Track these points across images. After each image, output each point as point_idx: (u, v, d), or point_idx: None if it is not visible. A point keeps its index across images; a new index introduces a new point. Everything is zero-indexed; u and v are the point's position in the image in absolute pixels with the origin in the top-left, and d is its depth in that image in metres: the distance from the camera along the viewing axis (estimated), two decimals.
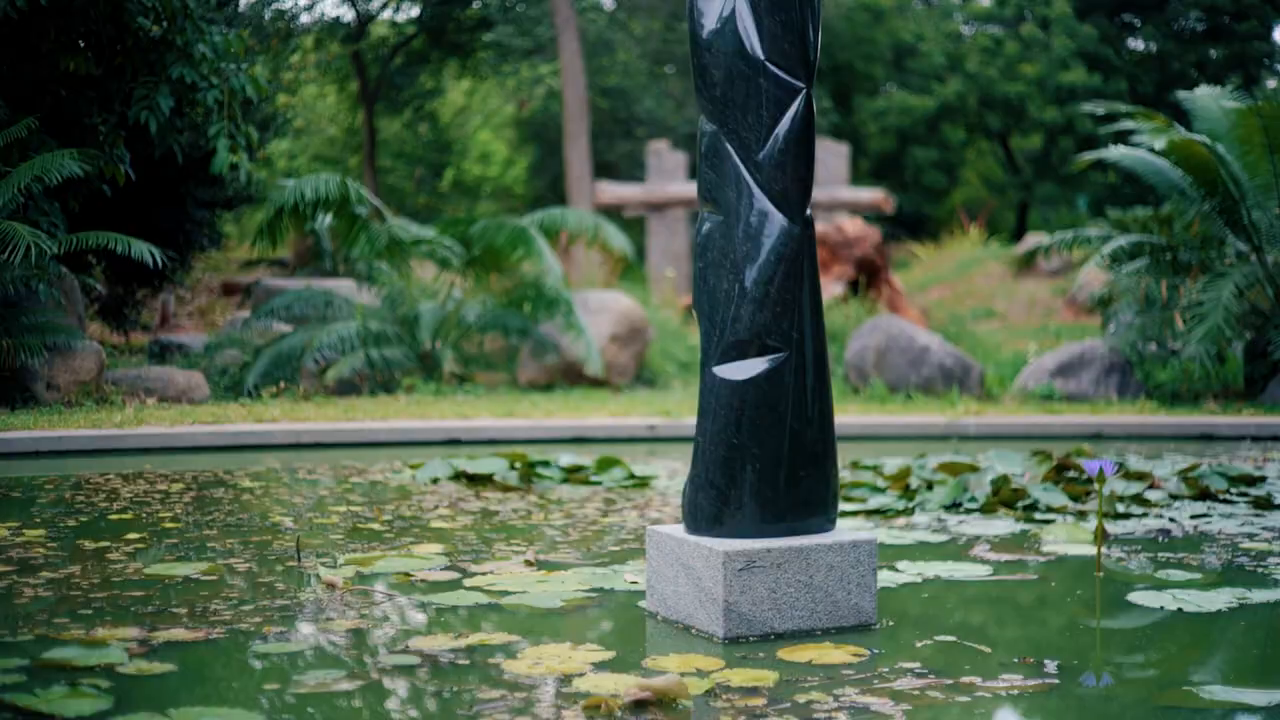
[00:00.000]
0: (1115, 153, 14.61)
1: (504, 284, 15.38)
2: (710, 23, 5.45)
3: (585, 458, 9.19)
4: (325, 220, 20.32)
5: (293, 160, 31.63)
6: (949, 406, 12.90)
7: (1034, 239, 27.90)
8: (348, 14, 31.92)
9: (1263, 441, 11.32)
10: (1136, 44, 35.84)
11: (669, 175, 27.90)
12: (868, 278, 18.25)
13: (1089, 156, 15.02)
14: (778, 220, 5.42)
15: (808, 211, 5.50)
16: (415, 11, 32.94)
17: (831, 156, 28.64)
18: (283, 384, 14.09)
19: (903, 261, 33.05)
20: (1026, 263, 27.28)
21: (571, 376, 15.04)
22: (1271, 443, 11.28)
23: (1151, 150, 14.47)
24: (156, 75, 14.16)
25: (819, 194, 27.33)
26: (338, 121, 36.90)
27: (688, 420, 11.22)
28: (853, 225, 18.01)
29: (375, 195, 32.86)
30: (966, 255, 29.72)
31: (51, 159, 12.46)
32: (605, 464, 8.90)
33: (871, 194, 29.35)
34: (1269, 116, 13.37)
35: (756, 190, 5.41)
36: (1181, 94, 15.48)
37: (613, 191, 27.85)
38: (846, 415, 11.95)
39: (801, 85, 5.36)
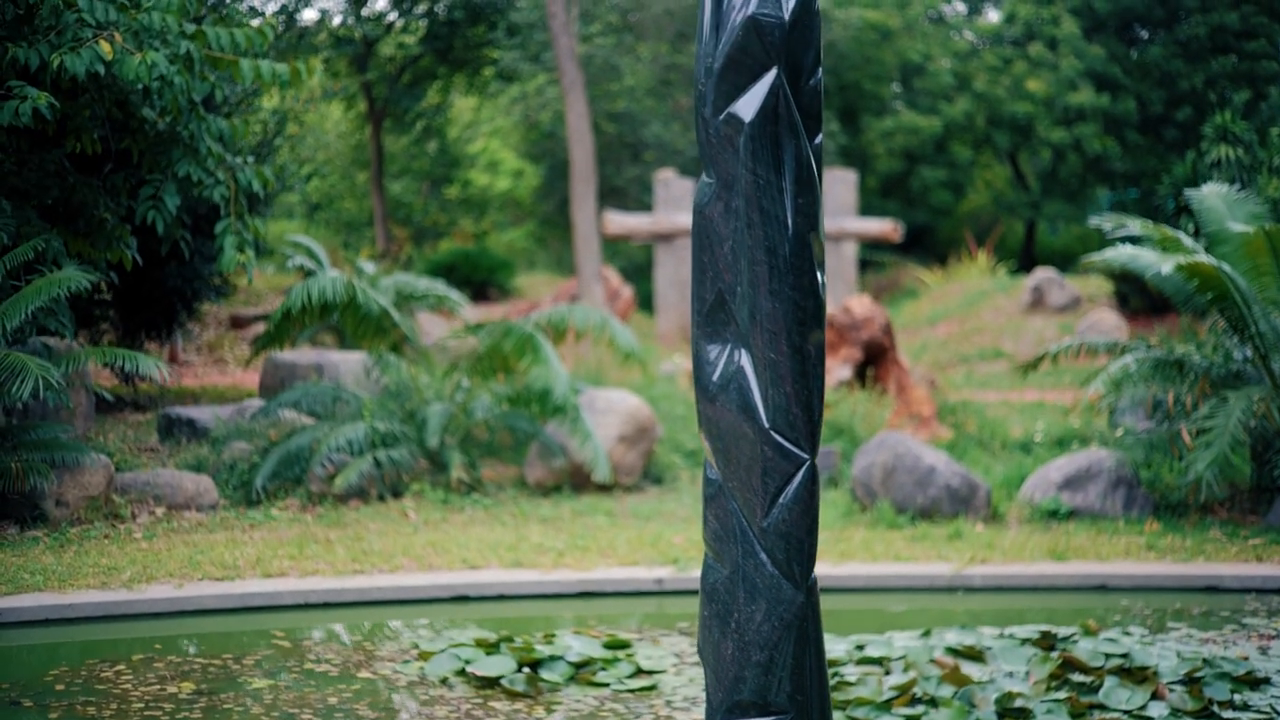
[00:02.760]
0: (1123, 254, 14.61)
1: (512, 385, 15.41)
2: (715, 373, 5.47)
3: (593, 643, 9.24)
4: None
5: (305, 177, 31.57)
6: (956, 537, 12.94)
7: (1042, 273, 27.92)
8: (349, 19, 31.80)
9: (1267, 595, 11.37)
10: (1144, 63, 35.71)
11: (676, 204, 27.88)
12: (875, 359, 18.25)
13: (1095, 258, 15.01)
14: (784, 588, 5.46)
15: (812, 576, 5.54)
16: (423, 17, 32.85)
17: (839, 185, 28.61)
18: (290, 486, 14.17)
19: (910, 290, 33.06)
20: (1036, 301, 27.30)
21: (579, 479, 15.09)
22: (1275, 596, 11.34)
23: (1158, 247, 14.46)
24: (163, 172, 14.18)
25: (826, 225, 27.31)
26: (345, 139, 36.86)
27: (694, 573, 11.27)
28: (860, 306, 18.01)
29: (383, 211, 32.90)
30: (974, 287, 29.73)
31: (61, 278, 12.51)
32: (613, 651, 8.96)
33: (880, 225, 29.32)
34: (1277, 238, 13.41)
35: (761, 554, 5.45)
36: (1189, 192, 15.48)
37: (620, 222, 27.84)
38: (854, 564, 12.00)
39: (805, 457, 5.39)
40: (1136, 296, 25.64)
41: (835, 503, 14.36)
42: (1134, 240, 14.91)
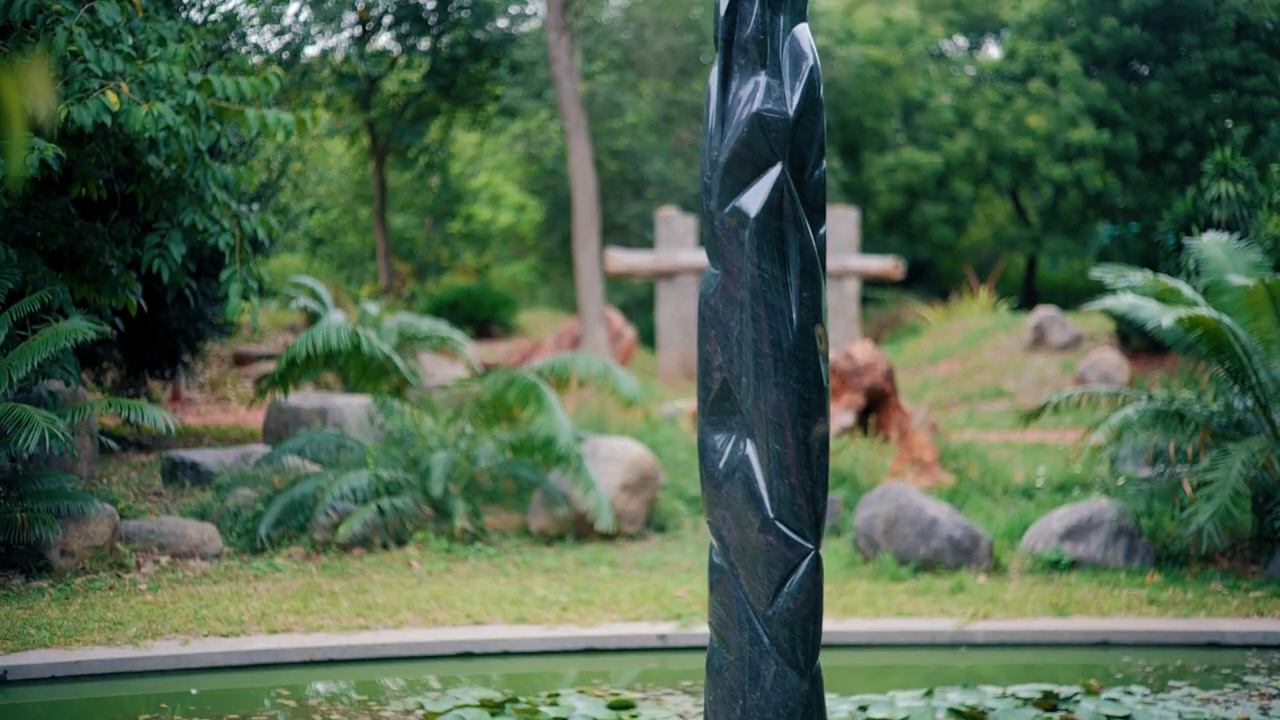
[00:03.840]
0: (1124, 303, 14.65)
1: (515, 432, 15.45)
2: (721, 461, 5.51)
3: (598, 704, 9.27)
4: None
5: (308, 211, 31.66)
6: (958, 590, 12.97)
7: (1043, 311, 27.98)
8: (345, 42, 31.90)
9: (1268, 652, 11.39)
10: (1145, 99, 35.82)
11: (678, 242, 27.99)
12: (877, 404, 18.30)
13: (1096, 306, 15.06)
14: (789, 676, 5.50)
15: (816, 664, 5.58)
16: (426, 54, 32.93)
17: (842, 222, 28.72)
18: (294, 534, 14.22)
19: (912, 327, 33.12)
20: (1037, 340, 27.34)
21: (582, 528, 15.14)
22: (1277, 652, 11.37)
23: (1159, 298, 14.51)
24: (169, 220, 14.25)
25: (828, 263, 27.42)
26: (348, 174, 36.96)
27: (698, 629, 11.30)
28: (862, 352, 18.07)
29: (385, 247, 32.97)
30: (976, 325, 29.77)
31: (67, 329, 12.57)
32: (618, 712, 9.00)
33: (881, 262, 29.43)
34: (1277, 290, 13.47)
35: (766, 641, 5.49)
36: (1189, 241, 15.55)
37: (622, 260, 27.94)
38: (856, 619, 12.03)
39: (810, 547, 5.44)
40: (1138, 336, 25.67)
41: (838, 553, 14.39)
42: (1135, 289, 14.94)
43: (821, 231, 5.34)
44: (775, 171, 5.21)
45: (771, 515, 5.44)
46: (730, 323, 5.30)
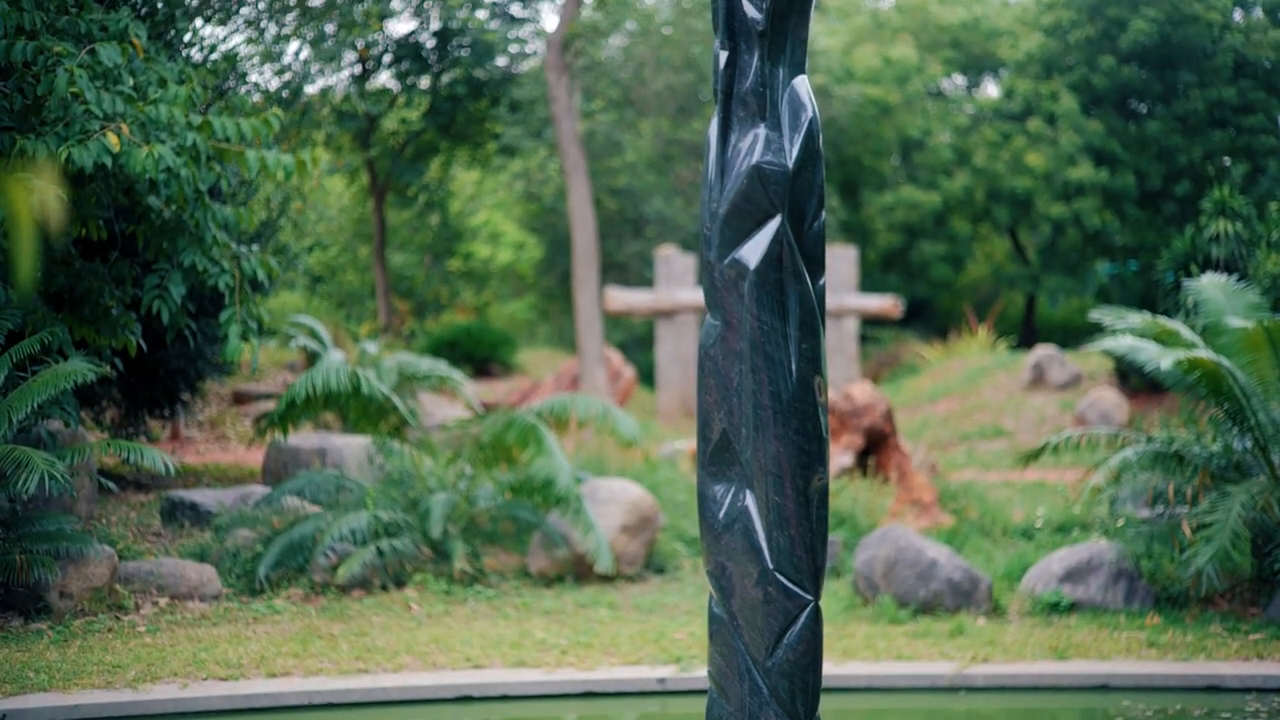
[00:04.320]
0: (1123, 344, 14.67)
1: (515, 473, 15.45)
2: (721, 512, 5.52)
3: None
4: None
5: (307, 249, 31.69)
6: (958, 633, 12.96)
7: (1042, 350, 27.98)
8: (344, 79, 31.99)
9: (1268, 695, 11.38)
10: (1143, 138, 35.93)
11: (678, 280, 28.01)
12: (876, 445, 18.30)
13: (1095, 348, 15.09)
14: None
15: (816, 715, 5.58)
16: (426, 93, 33.02)
17: (840, 261, 28.78)
18: (293, 575, 14.20)
19: (911, 366, 33.14)
20: (1036, 379, 27.35)
21: (581, 569, 15.12)
22: (1276, 696, 11.35)
23: (1157, 340, 14.52)
24: (169, 261, 14.27)
25: (827, 302, 27.45)
26: (347, 213, 37.00)
27: (698, 672, 11.29)
28: (861, 392, 18.08)
29: (385, 285, 32.98)
30: (975, 363, 29.79)
31: (67, 371, 12.60)
32: None
33: (880, 301, 29.47)
34: (1275, 332, 13.49)
35: (765, 691, 5.49)
36: (1187, 282, 15.57)
37: (621, 299, 27.96)
38: (855, 663, 12.02)
39: (809, 598, 5.44)
40: (1137, 375, 25.62)
41: (837, 595, 14.38)
42: (1134, 331, 14.95)
43: (821, 283, 5.36)
44: (774, 224, 5.23)
45: (771, 566, 5.44)
46: (730, 374, 5.32)
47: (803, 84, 5.34)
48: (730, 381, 5.30)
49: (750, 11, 5.23)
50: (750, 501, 5.40)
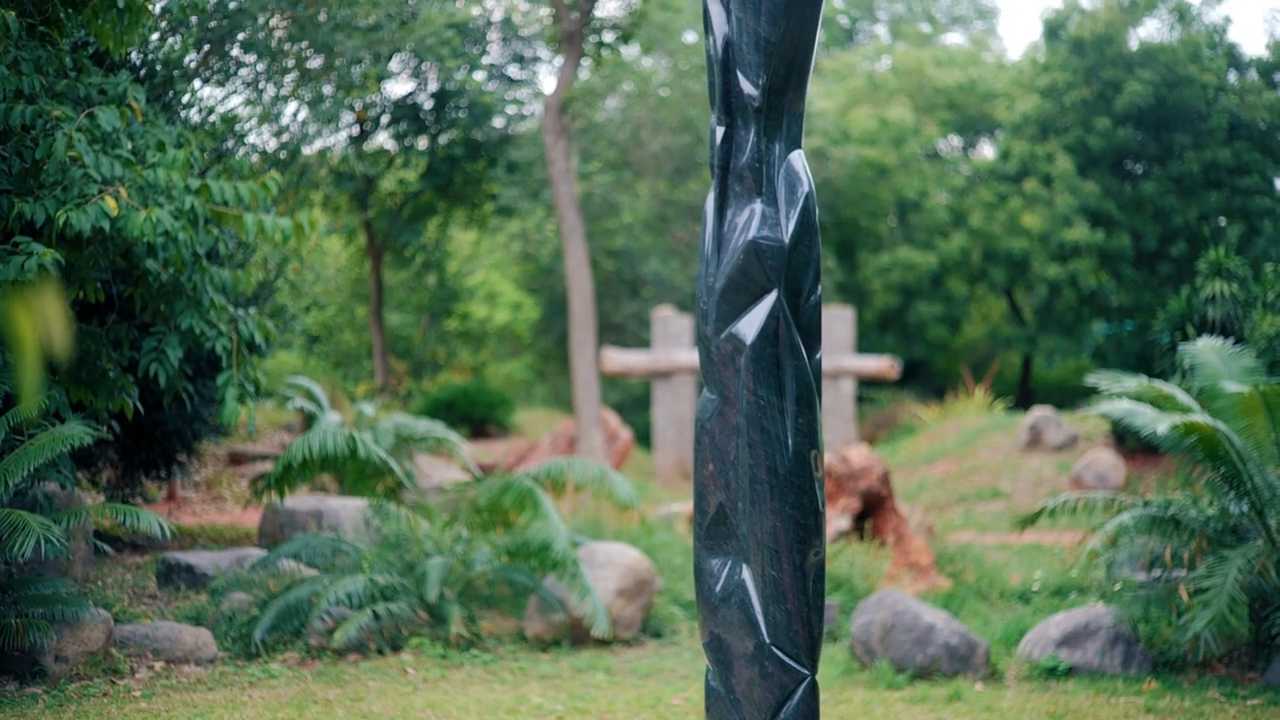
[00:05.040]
0: (1119, 408, 14.69)
1: (511, 537, 15.43)
2: (717, 585, 5.52)
3: None
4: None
5: (304, 308, 31.72)
6: (955, 698, 12.92)
7: (1039, 412, 28.02)
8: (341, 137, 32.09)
9: None
10: (1139, 199, 36.07)
11: (674, 341, 28.07)
12: (873, 508, 18.30)
13: (1092, 412, 15.11)
14: None
15: None
16: (423, 154, 33.13)
17: (837, 322, 28.85)
18: (289, 639, 14.15)
19: (908, 427, 33.16)
20: (1033, 440, 27.38)
21: (578, 633, 15.08)
22: None
23: (1154, 404, 14.54)
24: (166, 324, 14.27)
25: (824, 363, 27.45)
26: (345, 273, 37.09)
27: None
28: (858, 455, 18.09)
29: (382, 345, 33.03)
30: (971, 425, 29.83)
31: (65, 434, 12.58)
32: None
33: (877, 362, 29.52)
34: (1271, 396, 13.51)
35: None
36: (1183, 346, 15.61)
37: (618, 360, 28.00)
38: None
39: (806, 673, 5.43)
40: (1133, 436, 25.67)
41: (834, 659, 14.34)
42: (1130, 394, 14.96)
43: (817, 357, 5.37)
44: (771, 298, 5.25)
45: (768, 641, 5.43)
46: (726, 448, 5.32)
47: (798, 159, 5.37)
48: (727, 455, 5.31)
49: (747, 88, 5.27)
50: (747, 575, 5.40)
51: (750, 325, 5.26)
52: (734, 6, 5.24)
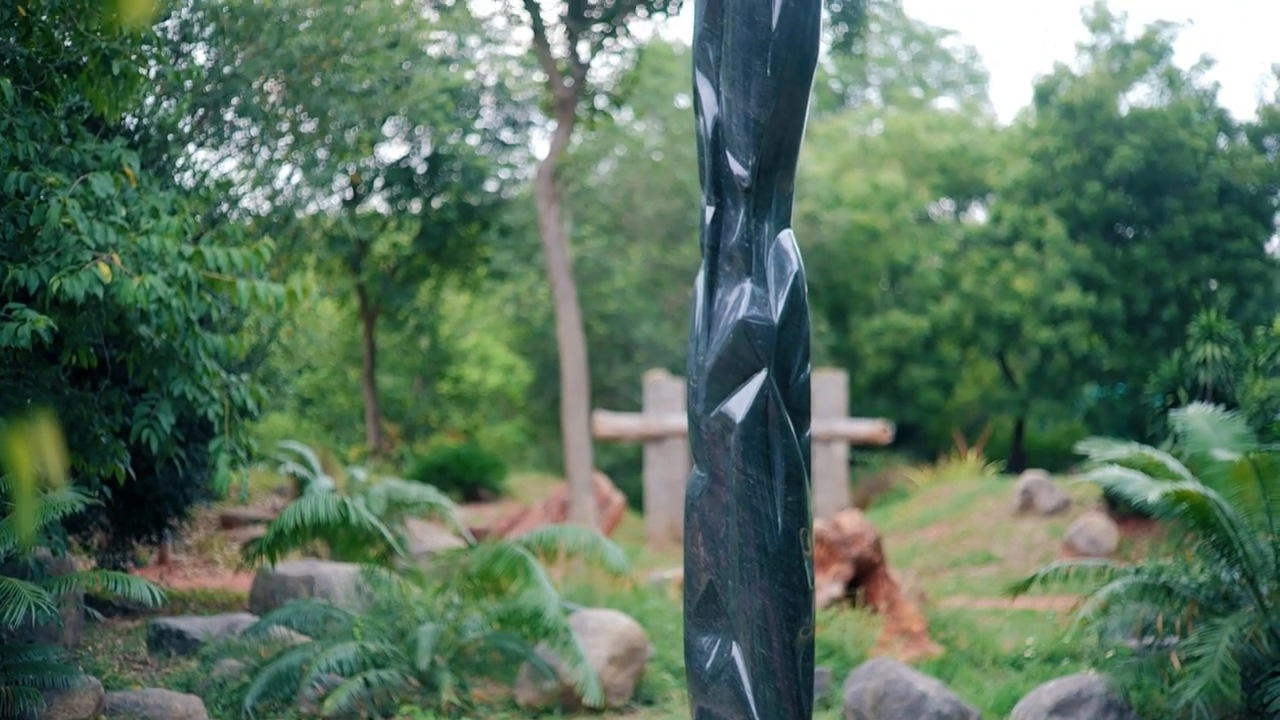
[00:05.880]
0: (1110, 475, 14.71)
1: (503, 604, 15.41)
2: (707, 663, 5.51)
3: None
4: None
5: (297, 371, 31.73)
6: None
7: (1031, 476, 28.02)
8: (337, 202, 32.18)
9: None
10: (1130, 263, 36.19)
11: (666, 406, 28.09)
12: (865, 574, 18.29)
13: (1083, 479, 15.14)
14: None
15: None
16: (416, 217, 33.22)
17: (829, 386, 28.88)
18: (280, 706, 14.10)
19: (900, 490, 33.15)
20: (1025, 505, 27.37)
21: (570, 701, 15.04)
22: None
23: (1145, 471, 14.57)
24: (159, 389, 14.27)
25: (817, 426, 27.49)
26: (337, 335, 37.13)
27: None
28: (850, 522, 18.10)
29: (374, 408, 33.02)
30: (964, 489, 29.81)
31: (57, 502, 12.56)
32: None
33: (869, 426, 29.55)
34: (1262, 464, 13.54)
35: None
36: (1174, 413, 15.65)
37: (611, 424, 28.02)
38: None
39: None
40: (1125, 502, 25.67)
41: None
42: (1121, 462, 14.99)
43: (806, 435, 5.39)
44: (760, 378, 5.28)
45: (758, 718, 5.43)
46: (716, 526, 5.34)
47: (788, 238, 5.41)
48: (717, 533, 5.33)
49: (736, 168, 5.31)
50: (737, 653, 5.41)
51: (740, 404, 5.28)
52: (724, 88, 5.28)
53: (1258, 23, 69.43)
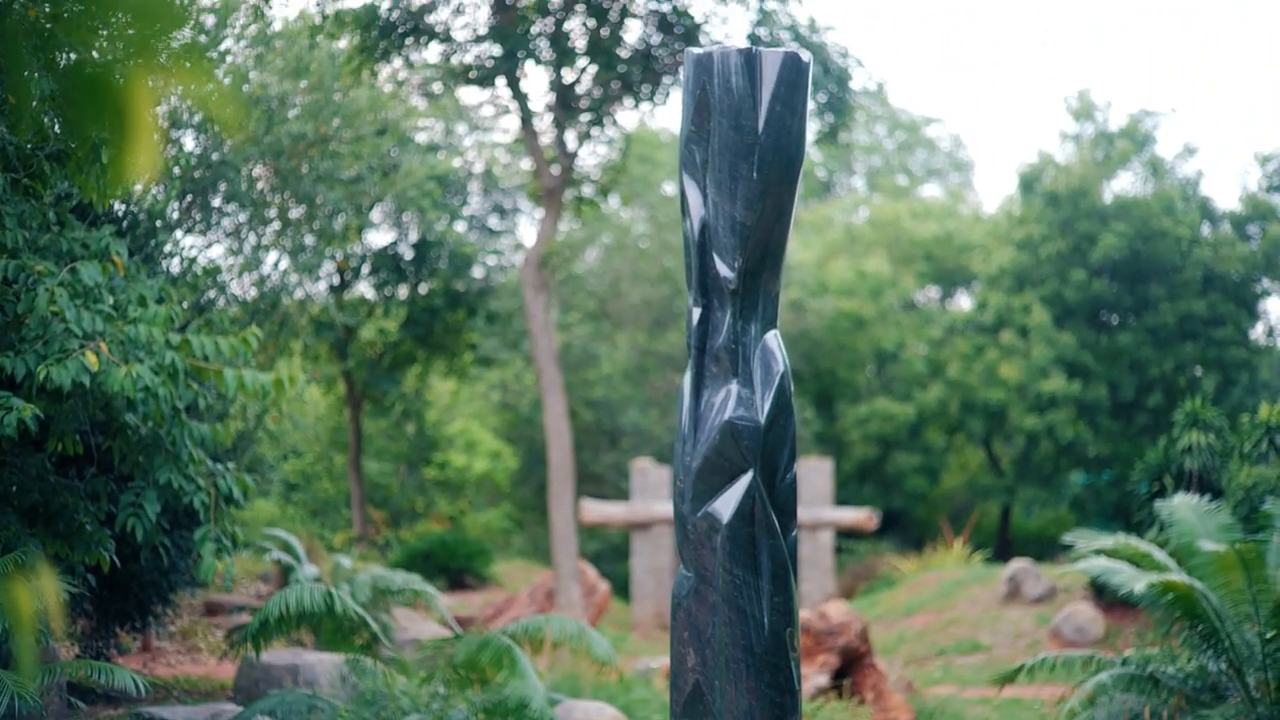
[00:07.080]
0: (1097, 565, 14.74)
1: (489, 694, 15.33)
2: None
3: None
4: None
5: (282, 456, 31.67)
6: None
7: (1017, 564, 27.98)
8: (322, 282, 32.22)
9: None
10: (1115, 350, 36.31)
11: (653, 492, 28.07)
12: (852, 664, 18.24)
13: (1070, 569, 15.17)
14: None
15: None
16: (403, 303, 33.26)
17: (815, 474, 28.88)
18: None
19: (886, 578, 33.09)
20: (1012, 592, 27.33)
21: None
22: None
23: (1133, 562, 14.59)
24: (144, 478, 14.24)
25: (803, 514, 27.44)
26: (323, 421, 37.10)
27: None
28: (836, 611, 18.07)
29: (360, 494, 32.96)
30: (950, 576, 29.76)
31: (46, 586, 12.51)
32: None
33: (855, 514, 29.55)
34: (1247, 555, 13.57)
35: None
36: (1160, 504, 15.69)
37: (597, 511, 28.00)
38: None
39: None
40: (1112, 590, 25.66)
41: None
42: (1108, 552, 15.01)
43: (792, 535, 5.41)
44: (747, 478, 5.29)
45: None
46: (703, 625, 5.34)
47: (774, 339, 5.44)
48: (703, 633, 5.33)
49: (722, 270, 5.35)
50: None
51: (726, 505, 5.29)
52: (710, 191, 5.33)
53: (1239, 112, 70.05)
